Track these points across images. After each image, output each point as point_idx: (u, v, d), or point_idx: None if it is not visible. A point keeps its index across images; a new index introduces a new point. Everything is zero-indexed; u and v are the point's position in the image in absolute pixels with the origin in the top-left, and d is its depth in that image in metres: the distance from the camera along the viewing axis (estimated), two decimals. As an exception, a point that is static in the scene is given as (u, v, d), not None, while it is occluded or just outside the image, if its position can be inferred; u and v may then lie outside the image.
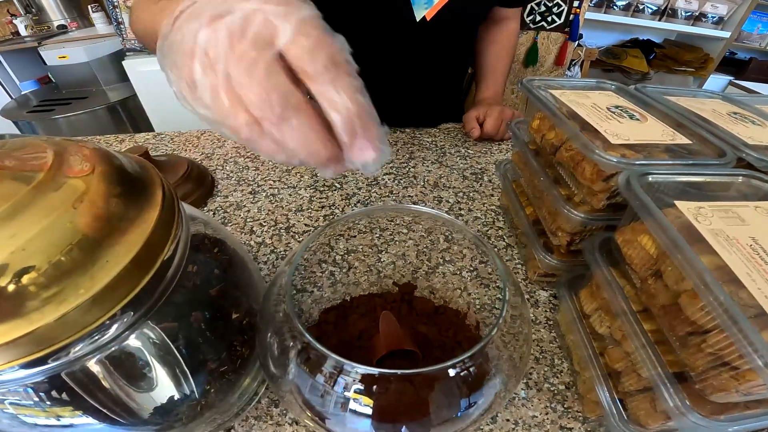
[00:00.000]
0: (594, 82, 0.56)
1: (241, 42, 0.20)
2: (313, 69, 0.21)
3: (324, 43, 0.21)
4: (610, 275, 0.34)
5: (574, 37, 1.59)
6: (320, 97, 0.21)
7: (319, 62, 0.20)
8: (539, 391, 0.41)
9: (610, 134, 0.39)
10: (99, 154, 0.26)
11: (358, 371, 0.26)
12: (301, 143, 0.22)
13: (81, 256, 0.22)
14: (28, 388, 0.25)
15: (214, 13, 0.21)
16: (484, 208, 0.66)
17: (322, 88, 0.21)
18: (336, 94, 0.21)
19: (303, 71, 0.21)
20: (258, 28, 0.20)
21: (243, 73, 0.20)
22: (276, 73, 0.20)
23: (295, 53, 0.20)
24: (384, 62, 0.82)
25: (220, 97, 0.21)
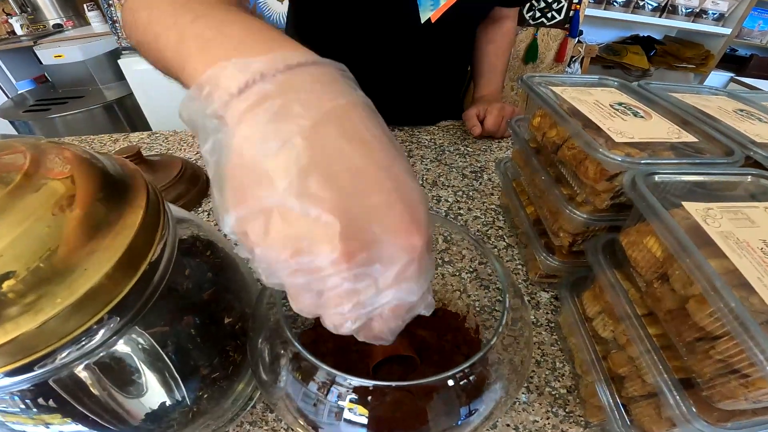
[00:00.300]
0: (596, 78, 0.55)
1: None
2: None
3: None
4: (614, 278, 0.33)
5: (575, 33, 1.58)
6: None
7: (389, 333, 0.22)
8: (540, 395, 0.40)
9: (614, 132, 0.38)
10: (79, 155, 0.25)
11: (352, 383, 0.25)
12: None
13: (60, 263, 0.21)
14: (15, 396, 0.24)
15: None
16: (483, 207, 0.65)
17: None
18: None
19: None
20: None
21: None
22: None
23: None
24: (386, 61, 0.81)
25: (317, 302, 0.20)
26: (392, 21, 0.75)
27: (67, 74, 1.97)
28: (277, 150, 0.17)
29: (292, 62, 0.19)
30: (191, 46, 0.23)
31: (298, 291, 0.20)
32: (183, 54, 0.23)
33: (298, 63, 0.19)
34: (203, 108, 0.19)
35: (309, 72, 0.20)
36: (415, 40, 0.78)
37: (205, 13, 0.24)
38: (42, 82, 2.36)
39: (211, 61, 0.20)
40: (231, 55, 0.20)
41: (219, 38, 0.22)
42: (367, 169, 0.18)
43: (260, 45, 0.21)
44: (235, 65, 0.19)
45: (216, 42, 0.22)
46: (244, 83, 0.18)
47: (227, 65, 0.19)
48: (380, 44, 0.78)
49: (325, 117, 0.18)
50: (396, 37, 0.78)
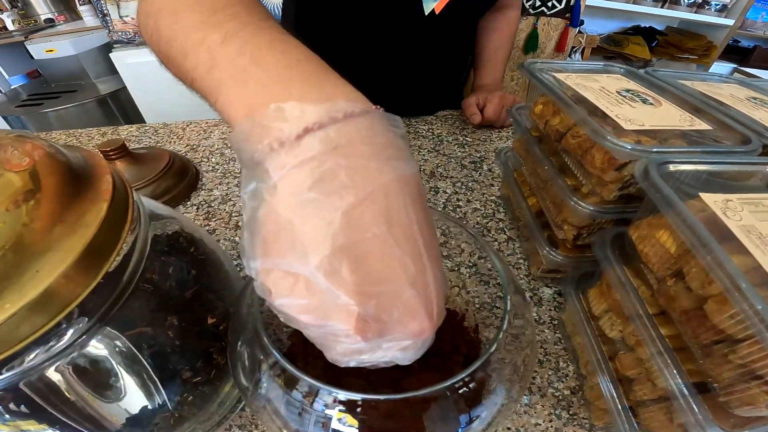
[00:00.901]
0: (601, 65, 0.52)
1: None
2: None
3: None
4: (623, 274, 0.31)
5: (576, 23, 1.54)
6: None
7: None
8: (543, 397, 0.38)
9: (623, 119, 0.36)
10: (41, 148, 0.23)
11: (338, 397, 0.23)
12: None
13: (12, 262, 0.19)
14: None
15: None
16: (483, 199, 0.63)
17: None
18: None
19: None
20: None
21: None
22: None
23: None
24: (387, 51, 0.79)
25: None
26: (395, 11, 0.73)
27: (60, 69, 1.95)
28: (316, 223, 0.18)
29: (346, 111, 0.19)
30: (224, 73, 0.22)
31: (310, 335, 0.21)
32: (215, 81, 0.22)
33: (351, 113, 0.19)
34: (251, 150, 0.19)
35: (361, 127, 0.20)
36: (418, 30, 0.76)
37: (235, 30, 0.23)
38: (34, 77, 2.35)
39: (247, 96, 0.20)
40: (270, 92, 0.20)
41: (253, 68, 0.21)
42: (396, 258, 0.19)
43: (302, 83, 0.21)
44: (289, 110, 0.19)
45: (250, 73, 0.21)
46: (296, 134, 0.18)
47: (281, 108, 0.19)
48: (382, 35, 0.76)
49: (369, 196, 0.18)
50: (398, 28, 0.76)
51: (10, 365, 0.21)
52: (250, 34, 0.23)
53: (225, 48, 0.22)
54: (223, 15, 0.24)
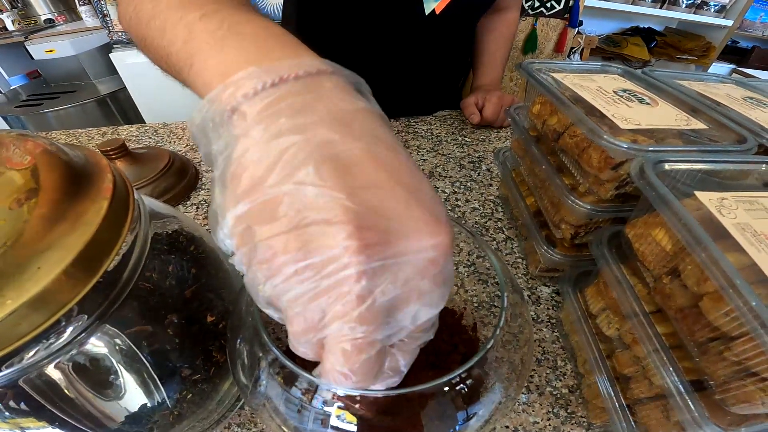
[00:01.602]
0: (599, 65, 0.52)
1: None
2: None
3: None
4: (619, 272, 0.31)
5: (574, 23, 1.55)
6: None
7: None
8: (541, 395, 0.39)
9: (619, 119, 0.36)
10: (41, 146, 0.24)
11: (337, 393, 0.23)
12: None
13: (11, 262, 0.19)
14: None
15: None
16: (482, 199, 0.63)
17: None
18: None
19: None
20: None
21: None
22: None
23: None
24: (387, 51, 0.79)
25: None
26: (396, 11, 0.74)
27: (59, 69, 1.95)
28: (294, 143, 0.16)
29: (312, 69, 0.19)
30: (201, 42, 0.21)
31: (298, 311, 0.17)
32: (191, 50, 0.22)
33: (318, 70, 0.19)
34: (223, 108, 0.18)
35: (329, 79, 0.19)
36: (418, 31, 0.76)
37: (214, 10, 0.23)
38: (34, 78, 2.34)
39: (227, 59, 0.20)
40: (246, 55, 0.19)
41: (231, 37, 0.21)
42: (386, 165, 0.17)
43: (277, 49, 0.20)
44: (265, 69, 0.18)
45: (229, 41, 0.21)
46: (269, 83, 0.18)
47: (252, 70, 0.18)
48: (383, 34, 0.76)
49: (345, 116, 0.17)
50: (399, 28, 0.76)
51: (10, 362, 0.21)
52: (229, 12, 0.22)
53: (203, 22, 0.22)
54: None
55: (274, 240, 0.16)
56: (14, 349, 0.20)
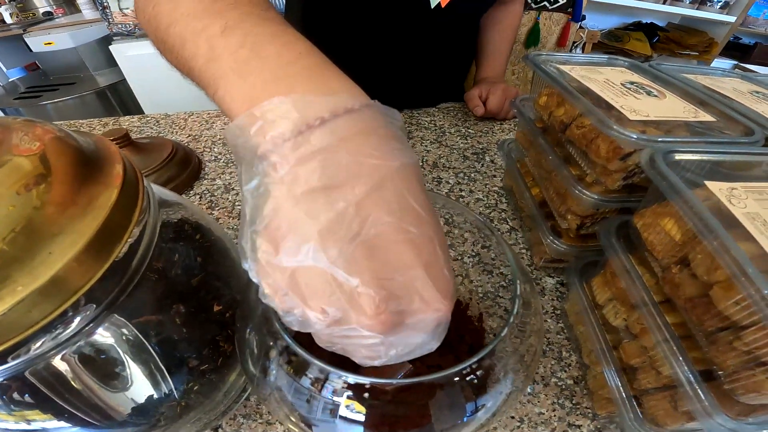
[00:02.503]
0: (605, 58, 0.52)
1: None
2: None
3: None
4: (628, 262, 0.31)
5: (577, 17, 1.54)
6: None
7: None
8: (546, 386, 0.39)
9: (627, 110, 0.36)
10: (51, 132, 0.23)
11: (348, 380, 0.23)
12: None
13: (22, 247, 0.19)
14: None
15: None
16: (486, 190, 0.63)
17: None
18: None
19: None
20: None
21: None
22: None
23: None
24: (392, 44, 0.79)
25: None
26: (401, 4, 0.73)
27: (59, 61, 1.94)
28: (329, 216, 0.17)
29: (347, 106, 0.19)
30: (224, 65, 0.21)
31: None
32: (214, 73, 0.22)
33: (352, 107, 0.19)
34: (252, 145, 0.18)
35: (363, 119, 0.19)
36: (423, 23, 0.76)
37: (236, 21, 0.22)
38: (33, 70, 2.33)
39: (249, 90, 0.20)
40: (269, 87, 0.20)
41: (255, 61, 0.21)
42: (409, 245, 0.18)
43: (304, 78, 0.20)
44: (293, 104, 0.18)
45: (252, 66, 0.21)
46: (300, 128, 0.18)
47: (285, 101, 0.18)
48: (388, 27, 0.76)
49: (378, 185, 0.18)
50: (404, 20, 0.76)
51: (16, 353, 0.20)
52: (252, 24, 0.22)
53: (225, 39, 0.22)
54: (224, 4, 0.23)
55: (307, 312, 0.18)
56: (24, 338, 0.19)
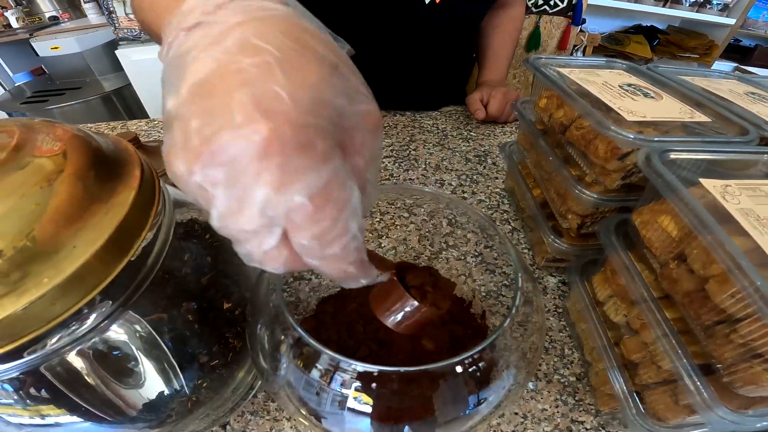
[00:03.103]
0: (603, 61, 0.53)
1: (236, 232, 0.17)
2: (301, 253, 0.17)
3: (314, 223, 0.16)
4: (627, 259, 0.32)
5: (578, 21, 1.55)
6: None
7: (306, 251, 0.17)
8: (549, 383, 0.39)
9: (625, 111, 0.37)
10: (72, 133, 0.24)
11: (356, 368, 0.24)
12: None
13: (46, 242, 0.20)
14: (6, 385, 0.23)
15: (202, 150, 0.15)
16: (488, 191, 0.64)
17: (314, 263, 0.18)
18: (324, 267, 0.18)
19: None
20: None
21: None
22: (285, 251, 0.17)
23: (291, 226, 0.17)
24: (389, 45, 0.80)
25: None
26: (396, 2, 0.74)
27: (65, 66, 1.96)
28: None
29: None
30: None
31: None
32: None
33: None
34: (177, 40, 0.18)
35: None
36: (419, 23, 0.77)
37: None
38: (39, 75, 2.34)
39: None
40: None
41: None
42: (239, 73, 0.15)
43: None
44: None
45: None
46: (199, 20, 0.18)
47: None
48: (384, 27, 0.77)
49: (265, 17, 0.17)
50: (400, 20, 0.77)
51: (32, 348, 0.21)
52: None
53: None
54: None
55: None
56: (43, 333, 0.20)
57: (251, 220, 0.16)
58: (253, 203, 0.15)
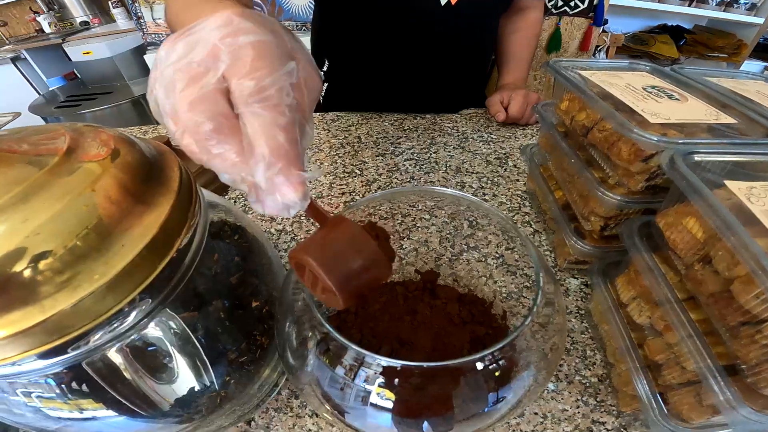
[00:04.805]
0: (626, 63, 0.53)
1: (184, 68, 0.20)
2: (238, 97, 0.20)
3: (255, 69, 0.20)
4: (651, 261, 0.32)
5: (599, 22, 1.53)
6: (244, 129, 0.20)
7: (244, 91, 0.19)
8: (570, 384, 0.39)
9: (648, 113, 0.37)
10: (118, 138, 0.25)
11: (381, 363, 0.25)
12: (224, 169, 0.21)
13: (96, 241, 0.21)
14: (49, 380, 0.24)
15: (178, 37, 0.21)
16: (509, 194, 0.64)
17: (244, 120, 0.20)
18: (251, 128, 0.20)
19: (233, 98, 0.20)
20: (202, 55, 0.20)
21: (181, 98, 0.20)
22: (209, 99, 0.20)
23: (229, 78, 0.20)
24: (406, 48, 0.81)
25: (166, 120, 0.21)
26: (412, 4, 0.75)
27: (96, 71, 2.03)
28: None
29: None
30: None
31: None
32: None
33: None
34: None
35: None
36: (436, 25, 0.78)
37: None
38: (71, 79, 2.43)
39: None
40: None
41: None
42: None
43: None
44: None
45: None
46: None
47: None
48: (400, 29, 0.78)
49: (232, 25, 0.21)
50: (416, 22, 0.78)
51: (76, 345, 0.22)
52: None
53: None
54: None
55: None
56: (88, 329, 0.21)
57: (200, 53, 0.20)
58: (206, 44, 0.20)
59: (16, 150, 0.23)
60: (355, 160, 0.74)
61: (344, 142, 0.80)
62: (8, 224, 0.19)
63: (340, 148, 0.78)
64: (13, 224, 0.19)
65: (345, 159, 0.75)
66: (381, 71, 0.86)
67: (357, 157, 0.75)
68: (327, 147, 0.79)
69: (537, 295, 0.27)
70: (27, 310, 0.19)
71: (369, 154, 0.75)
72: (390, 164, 0.72)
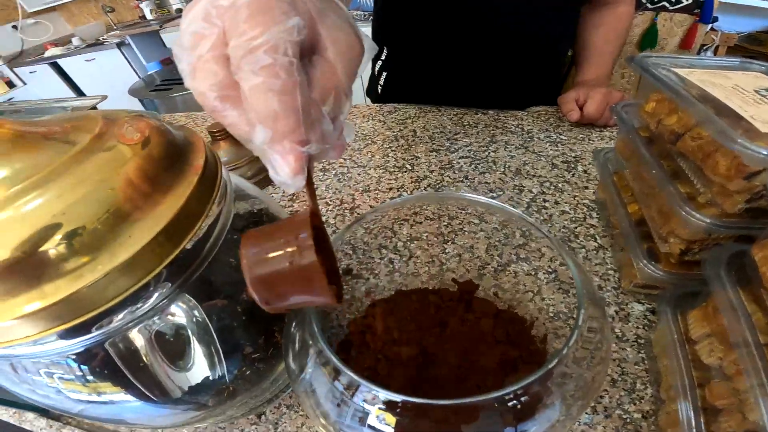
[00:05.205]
0: (737, 61, 0.45)
1: (185, 41, 0.20)
2: (232, 63, 0.19)
3: (248, 29, 0.18)
4: (736, 298, 0.27)
5: (707, 18, 1.35)
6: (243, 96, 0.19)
7: (237, 55, 0.18)
8: (607, 418, 0.35)
9: (759, 121, 0.30)
10: (151, 125, 0.26)
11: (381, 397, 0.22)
12: (242, 139, 0.21)
13: (111, 227, 0.22)
14: (71, 361, 0.25)
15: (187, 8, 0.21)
16: (574, 202, 0.58)
17: (241, 86, 0.19)
18: (243, 95, 0.19)
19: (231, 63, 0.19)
20: (198, 23, 0.19)
21: (183, 71, 0.20)
22: (206, 69, 0.19)
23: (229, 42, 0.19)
24: (471, 37, 0.77)
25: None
26: None
27: (188, 56, 2.19)
28: None
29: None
30: None
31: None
32: None
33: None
34: None
35: None
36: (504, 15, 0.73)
37: None
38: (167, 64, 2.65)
39: None
40: None
41: None
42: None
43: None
44: None
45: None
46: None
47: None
48: (466, 17, 0.74)
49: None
50: (484, 9, 0.73)
51: (99, 324, 0.23)
52: None
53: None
54: None
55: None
56: (105, 311, 0.22)
57: (197, 21, 0.19)
58: (201, 10, 0.19)
59: (48, 133, 0.24)
60: (407, 155, 0.72)
61: (399, 135, 0.78)
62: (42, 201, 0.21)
63: (394, 141, 0.76)
64: (41, 204, 0.21)
65: (397, 153, 0.73)
66: (443, 61, 0.82)
67: (410, 152, 0.73)
68: (380, 139, 0.77)
69: (572, 336, 0.23)
70: (52, 285, 0.20)
71: (423, 149, 0.73)
72: (444, 161, 0.69)
